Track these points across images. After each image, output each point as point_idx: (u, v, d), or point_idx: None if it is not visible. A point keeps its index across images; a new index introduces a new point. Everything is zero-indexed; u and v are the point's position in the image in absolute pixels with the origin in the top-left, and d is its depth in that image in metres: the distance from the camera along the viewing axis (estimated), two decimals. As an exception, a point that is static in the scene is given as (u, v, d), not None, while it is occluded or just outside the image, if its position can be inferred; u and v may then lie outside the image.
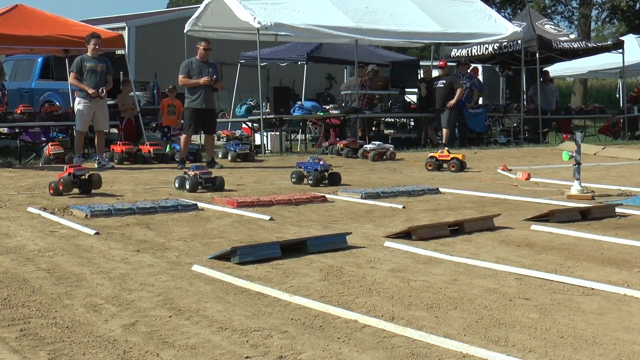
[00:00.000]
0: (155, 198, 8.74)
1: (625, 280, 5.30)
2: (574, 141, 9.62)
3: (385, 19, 17.49)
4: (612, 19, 44.20)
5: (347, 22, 16.90)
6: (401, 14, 17.81)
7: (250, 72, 20.22)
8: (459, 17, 18.62)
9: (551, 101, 20.92)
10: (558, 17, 42.66)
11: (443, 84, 17.58)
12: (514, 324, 4.33)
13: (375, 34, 17.53)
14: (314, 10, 16.80)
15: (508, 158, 14.62)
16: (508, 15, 35.43)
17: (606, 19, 44.19)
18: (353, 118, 17.35)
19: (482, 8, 19.47)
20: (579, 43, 21.63)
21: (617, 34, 38.80)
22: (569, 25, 41.67)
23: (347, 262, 5.89)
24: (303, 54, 21.00)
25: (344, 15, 16.99)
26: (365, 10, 17.40)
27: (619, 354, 3.81)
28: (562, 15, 43.98)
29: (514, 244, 6.61)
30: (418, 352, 3.83)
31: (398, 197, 9.23)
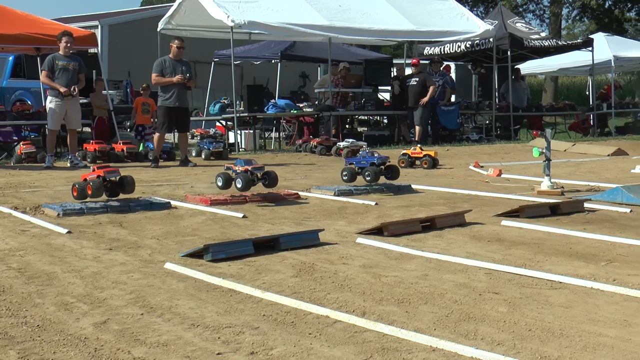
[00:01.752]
0: (128, 196, 8.70)
1: (593, 274, 5.36)
2: (544, 138, 9.69)
3: (358, 17, 17.54)
4: (582, 18, 44.60)
5: (320, 20, 16.93)
6: (374, 12, 17.87)
7: (224, 71, 20.16)
8: (432, 15, 18.71)
9: (522, 98, 21.09)
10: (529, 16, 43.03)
11: (416, 82, 17.65)
12: (483, 318, 4.36)
13: (348, 32, 17.59)
14: (287, 9, 16.81)
15: (480, 155, 14.71)
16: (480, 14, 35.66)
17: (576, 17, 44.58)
18: (326, 116, 17.39)
19: (454, 6, 19.59)
20: (550, 41, 21.82)
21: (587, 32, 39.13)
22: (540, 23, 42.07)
23: (319, 259, 5.90)
24: (277, 52, 20.99)
25: (317, 14, 17.01)
26: (339, 9, 17.44)
27: (584, 346, 3.85)
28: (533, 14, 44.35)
29: (484, 239, 6.66)
30: (388, 347, 3.85)
31: (371, 194, 9.26)
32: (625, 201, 8.44)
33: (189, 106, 13.67)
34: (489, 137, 19.14)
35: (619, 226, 7.24)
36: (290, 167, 12.70)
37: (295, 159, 14.24)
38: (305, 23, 16.72)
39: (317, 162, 13.44)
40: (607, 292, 4.89)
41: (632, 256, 5.96)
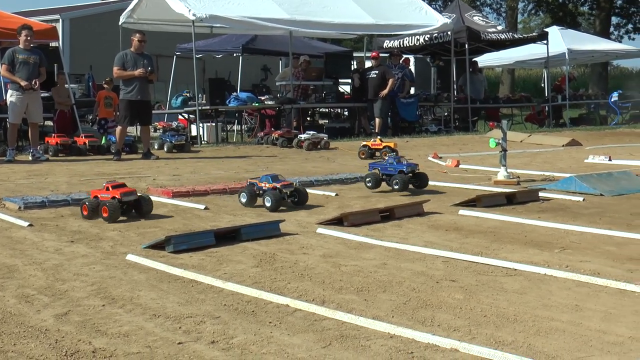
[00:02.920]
0: (90, 189, 8.61)
1: (546, 261, 5.43)
2: (500, 129, 9.79)
3: (319, 11, 17.52)
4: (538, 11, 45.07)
5: (281, 14, 16.89)
6: (335, 6, 17.86)
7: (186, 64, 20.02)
8: (391, 9, 18.74)
9: (480, 90, 21.25)
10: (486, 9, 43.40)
11: (376, 75, 17.69)
12: (440, 305, 4.40)
13: (309, 25, 17.57)
14: (248, 3, 16.74)
15: (439, 146, 14.80)
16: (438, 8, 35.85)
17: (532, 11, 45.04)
18: (288, 108, 17.37)
19: (413, 0, 19.64)
20: (506, 34, 22.00)
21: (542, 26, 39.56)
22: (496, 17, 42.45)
23: (280, 249, 5.91)
24: (238, 45, 20.92)
25: (278, 7, 16.97)
26: (300, 2, 17.41)
27: (537, 330, 3.91)
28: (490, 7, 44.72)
29: (442, 229, 6.71)
30: (347, 334, 3.87)
31: (331, 185, 9.28)
32: (578, 190, 8.56)
33: (151, 99, 13.58)
34: (448, 129, 19.27)
35: (572, 214, 7.34)
36: (252, 159, 12.68)
37: (257, 151, 14.21)
38: (266, 17, 16.67)
39: (278, 154, 13.43)
40: (560, 278, 4.96)
41: (584, 243, 6.05)
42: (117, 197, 6.98)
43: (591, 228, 6.60)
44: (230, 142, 16.83)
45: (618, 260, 5.45)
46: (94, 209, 6.99)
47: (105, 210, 6.89)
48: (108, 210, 6.87)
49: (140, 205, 7.17)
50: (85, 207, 7.06)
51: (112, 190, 7.06)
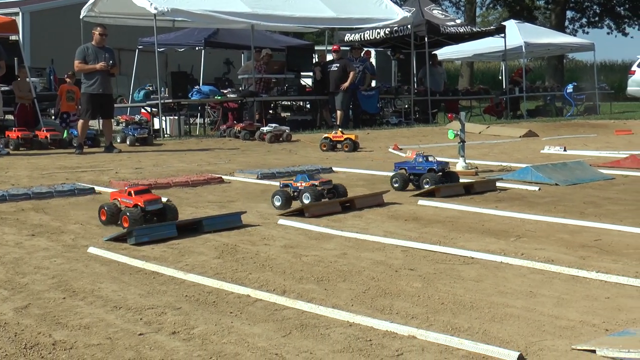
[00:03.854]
0: (51, 183, 8.53)
1: (503, 249, 5.49)
2: (458, 121, 9.86)
3: (280, 5, 17.46)
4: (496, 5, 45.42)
5: (243, 7, 16.81)
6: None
7: (149, 58, 19.82)
8: (352, 3, 18.75)
9: (439, 83, 21.38)
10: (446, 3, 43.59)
11: (337, 68, 17.70)
12: (399, 293, 4.43)
13: (270, 19, 17.52)
14: (210, -4, 16.64)
15: (399, 138, 14.87)
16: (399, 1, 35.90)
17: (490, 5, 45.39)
18: (250, 101, 17.31)
19: (374, -6, 19.66)
20: (465, 28, 22.14)
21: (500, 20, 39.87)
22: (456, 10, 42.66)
23: (241, 240, 5.90)
24: (200, 39, 20.77)
25: (240, 1, 16.89)
26: (262, -4, 17.34)
27: (493, 316, 3.96)
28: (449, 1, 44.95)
29: (401, 219, 6.75)
30: (307, 323, 3.88)
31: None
32: (534, 180, 8.66)
33: (112, 93, 13.44)
34: (408, 121, 19.35)
35: (528, 203, 7.43)
36: (215, 152, 12.63)
37: (219, 143, 14.16)
38: (228, 10, 16.59)
39: (240, 147, 13.40)
40: (515, 265, 5.02)
41: (539, 231, 6.12)
42: (140, 205, 6.23)
43: (546, 217, 6.68)
44: (193, 135, 16.75)
45: (571, 247, 5.53)
46: (113, 214, 6.31)
47: (125, 219, 6.13)
48: (129, 220, 6.11)
49: (164, 214, 6.38)
50: (103, 212, 6.38)
51: (135, 196, 6.29)
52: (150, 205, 6.27)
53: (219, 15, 16.49)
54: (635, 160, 10.03)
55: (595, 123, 19.20)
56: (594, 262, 5.06)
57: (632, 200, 7.58)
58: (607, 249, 5.45)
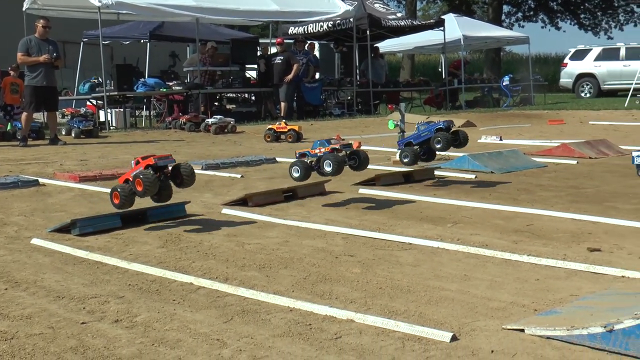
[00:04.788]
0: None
1: (439, 235, 5.57)
2: (398, 111, 9.93)
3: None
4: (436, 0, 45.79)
5: (188, 1, 16.71)
6: (241, -7, 17.74)
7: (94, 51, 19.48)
8: (296, -4, 18.75)
9: (381, 75, 21.50)
10: (387, -3, 43.75)
11: (281, 60, 17.70)
12: (339, 279, 4.46)
13: (215, 12, 17.42)
14: (155, -11, 16.44)
15: (342, 128, 14.93)
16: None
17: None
18: (195, 94, 17.19)
19: (316, -12, 19.67)
20: (406, 21, 22.31)
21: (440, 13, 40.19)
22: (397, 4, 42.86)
23: (185, 230, 5.87)
24: (146, 32, 20.52)
25: (185, -6, 16.73)
26: (206, -11, 17.21)
27: (429, 299, 4.01)
28: (391, -5, 45.17)
29: (343, 207, 6.79)
30: (249, 309, 3.89)
31: (237, 167, 9.26)
32: (471, 168, 8.78)
33: (57, 85, 13.22)
34: (351, 112, 19.42)
35: (465, 191, 7.53)
36: (160, 144, 12.52)
37: (165, 135, 14.04)
38: (173, 4, 16.44)
39: (186, 139, 13.31)
40: (451, 250, 5.09)
41: (475, 218, 6.22)
42: (150, 163, 5.64)
43: (482, 203, 6.78)
44: (139, 128, 16.57)
45: (505, 232, 5.63)
46: (127, 195, 5.64)
47: (139, 182, 5.50)
48: (143, 182, 5.48)
49: (179, 173, 5.78)
50: (116, 195, 5.68)
51: (144, 161, 5.71)
52: (162, 161, 5.70)
53: (163, 8, 16.32)
54: (566, 148, 10.25)
55: (530, 113, 19.51)
56: (526, 246, 5.16)
57: (563, 186, 7.75)
58: (538, 234, 5.57)
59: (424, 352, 3.25)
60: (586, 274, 4.44)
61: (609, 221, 5.93)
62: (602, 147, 10.52)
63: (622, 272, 4.41)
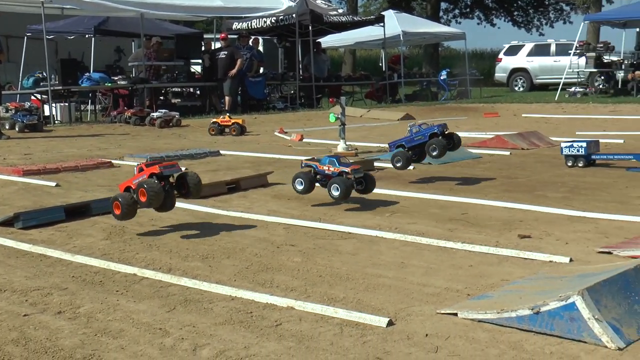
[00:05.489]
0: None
1: (378, 224, 5.61)
2: (339, 105, 9.96)
3: (169, -7, 17.18)
4: (377, -4, 45.98)
5: (132, -5, 16.45)
6: (185, -12, 17.57)
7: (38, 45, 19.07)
8: (239, -8, 18.64)
9: (323, 70, 21.53)
10: (329, -7, 43.73)
11: (225, 55, 17.59)
12: (280, 268, 4.47)
13: (159, 8, 17.23)
14: (99, -16, 16.17)
15: (285, 122, 14.90)
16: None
17: (371, -5, 45.91)
18: (141, 88, 16.97)
19: (259, -16, 19.58)
20: (347, 17, 22.36)
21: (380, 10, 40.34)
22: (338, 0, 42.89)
23: (129, 222, 5.76)
24: (90, 27, 20.16)
25: (129, -11, 16.50)
26: (150, -15, 16.99)
27: (367, 286, 4.05)
28: (332, -8, 45.13)
29: (285, 198, 6.79)
30: (191, 298, 3.87)
31: (181, 160, 9.15)
32: (409, 159, 8.84)
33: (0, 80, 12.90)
34: (294, 106, 19.42)
35: (403, 181, 7.60)
36: (105, 137, 12.33)
37: (110, 129, 13.83)
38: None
39: (131, 132, 13.13)
40: (389, 239, 5.14)
41: (412, 207, 6.28)
42: (155, 172, 5.17)
43: (419, 193, 6.86)
44: (84, 122, 16.29)
45: (440, 221, 5.70)
46: (129, 205, 5.16)
47: (142, 192, 5.04)
48: (147, 193, 5.02)
49: (185, 183, 5.35)
50: (117, 205, 5.17)
51: (148, 168, 5.26)
52: (168, 169, 5.25)
53: (107, 3, 16.09)
54: (500, 140, 10.41)
55: (467, 107, 19.77)
56: (461, 234, 5.24)
57: (496, 176, 7.87)
58: (473, 222, 5.65)
59: (362, 337, 3.28)
60: (517, 260, 4.53)
61: (539, 209, 6.06)
62: (534, 139, 10.72)
63: (550, 257, 4.51)
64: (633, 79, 21.41)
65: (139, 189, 5.07)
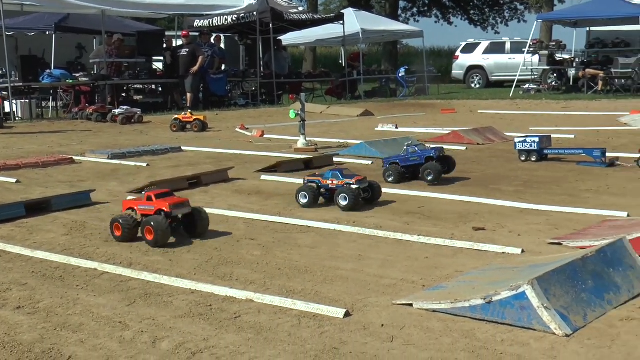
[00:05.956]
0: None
1: (337, 218, 5.63)
2: (299, 101, 9.97)
3: (130, -9, 16.99)
4: (336, -6, 46.00)
5: (92, -7, 16.24)
6: (146, -14, 17.39)
7: (-2, 42, 18.82)
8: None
9: (284, 67, 21.49)
10: (290, -8, 43.61)
11: (186, 52, 17.47)
12: (240, 261, 4.46)
13: (120, 5, 17.09)
14: (59, -19, 15.93)
15: (246, 118, 14.85)
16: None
17: (331, -6, 45.91)
18: (102, 85, 16.78)
19: (221, -18, 19.47)
20: (307, 15, 22.31)
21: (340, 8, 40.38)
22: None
23: (90, 217, 5.75)
24: (51, 24, 19.83)
25: (89, -13, 16.28)
26: (111, -18, 16.79)
27: (325, 279, 4.06)
28: (293, -10, 45.02)
29: (245, 193, 6.78)
30: (152, 292, 3.85)
31: (143, 156, 9.10)
32: (368, 154, 8.91)
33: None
34: (255, 102, 19.35)
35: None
36: (67, 134, 12.17)
37: (71, 126, 13.64)
38: (78, -4, 15.97)
39: (93, 129, 12.98)
40: (347, 232, 5.17)
41: (370, 201, 6.31)
42: (164, 210, 4.88)
43: (377, 187, 6.87)
44: (46, 118, 16.04)
45: (398, 214, 5.74)
46: (130, 229, 4.90)
47: (149, 230, 4.77)
48: (154, 230, 4.74)
49: (194, 222, 5.04)
50: (117, 226, 4.92)
51: (157, 201, 4.94)
52: (177, 209, 4.93)
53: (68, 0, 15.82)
54: (457, 135, 10.51)
55: (424, 103, 19.90)
56: (417, 227, 5.29)
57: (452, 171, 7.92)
58: (429, 215, 5.70)
59: (319, 328, 3.30)
60: (471, 252, 4.59)
61: (493, 202, 6.13)
62: (489, 134, 10.84)
63: (503, 248, 4.58)
64: (584, 77, 21.72)
65: (145, 226, 4.78)
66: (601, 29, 23.98)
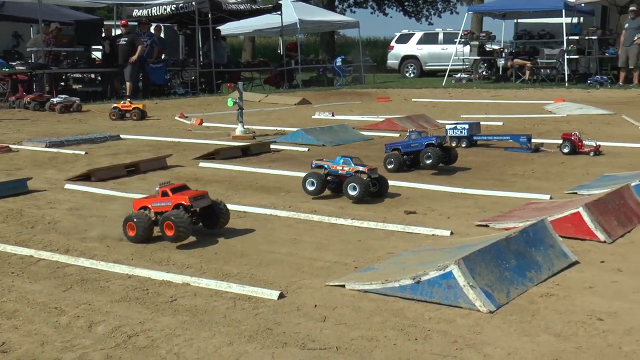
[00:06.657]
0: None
1: (273, 203, 5.63)
2: (237, 90, 9.91)
3: (66, -20, 16.59)
4: (275, -14, 45.71)
5: (28, -19, 15.80)
6: (83, -25, 17.01)
7: None
8: (138, -21, 18.19)
9: (223, 56, 21.31)
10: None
11: (125, 42, 17.19)
12: (176, 247, 4.42)
13: (58, -7, 16.62)
14: (-7, -31, 15.46)
15: (185, 107, 14.68)
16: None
17: (269, -15, 45.62)
18: (40, 73, 16.38)
19: (158, -28, 19.17)
20: (245, 5, 22.12)
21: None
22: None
23: (27, 205, 5.62)
24: (-14, 12, 19.28)
25: (25, -25, 15.84)
26: (47, -30, 16.36)
27: (260, 262, 4.07)
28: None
29: (183, 179, 6.68)
30: (88, 277, 3.80)
31: (81, 145, 8.93)
32: (304, 142, 8.92)
33: None
34: (194, 91, 19.16)
35: (298, 162, 7.64)
36: (3, 123, 11.84)
37: (8, 114, 13.28)
38: (13, -16, 15.52)
39: (30, 118, 12.66)
40: (283, 217, 5.17)
41: (306, 186, 6.31)
42: (184, 203, 4.47)
43: (313, 173, 6.89)
44: (-18, 107, 15.58)
45: (332, 198, 5.76)
46: (145, 228, 4.47)
47: (169, 226, 4.32)
48: (175, 225, 4.29)
49: (214, 216, 4.67)
50: (131, 226, 4.48)
51: (174, 195, 4.53)
52: (197, 201, 4.53)
53: (4, -12, 15.38)
54: (390, 123, 10.60)
55: (360, 92, 19.99)
56: (351, 211, 5.32)
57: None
58: (362, 199, 5.74)
59: (254, 310, 3.30)
60: (402, 234, 4.65)
61: (424, 187, 6.22)
62: (422, 121, 10.96)
63: (432, 230, 4.65)
64: (512, 67, 22.14)
65: (164, 222, 4.35)
66: (528, 21, 24.46)
